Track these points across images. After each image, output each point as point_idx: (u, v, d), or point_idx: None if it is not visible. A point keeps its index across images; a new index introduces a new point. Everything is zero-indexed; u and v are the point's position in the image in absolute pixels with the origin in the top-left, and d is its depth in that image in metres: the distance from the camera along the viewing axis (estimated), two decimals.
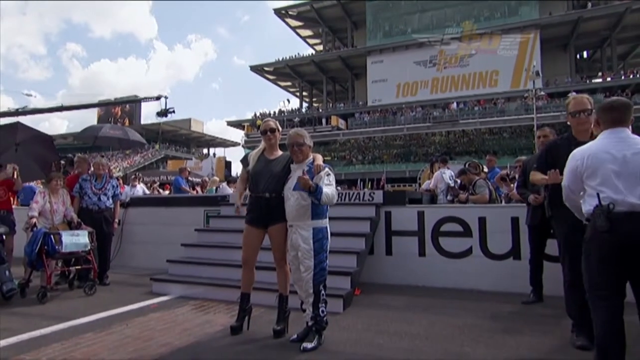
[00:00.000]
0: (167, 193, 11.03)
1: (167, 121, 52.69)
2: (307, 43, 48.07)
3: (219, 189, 9.10)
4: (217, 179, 9.97)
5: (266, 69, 43.76)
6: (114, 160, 45.45)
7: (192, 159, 37.91)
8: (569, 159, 2.23)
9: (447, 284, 4.48)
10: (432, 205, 6.08)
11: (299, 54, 42.99)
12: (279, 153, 3.21)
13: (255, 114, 43.29)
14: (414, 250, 4.72)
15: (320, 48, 46.18)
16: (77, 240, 4.36)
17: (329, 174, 2.86)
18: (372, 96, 38.71)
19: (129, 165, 45.88)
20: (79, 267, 4.55)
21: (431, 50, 36.48)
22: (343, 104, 42.15)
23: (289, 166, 3.02)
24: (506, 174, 5.97)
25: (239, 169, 3.42)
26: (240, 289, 3.17)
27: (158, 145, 49.67)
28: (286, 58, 42.40)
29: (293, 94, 50.06)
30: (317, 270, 2.80)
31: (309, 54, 43.64)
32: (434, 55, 36.58)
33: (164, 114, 21.59)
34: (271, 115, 40.33)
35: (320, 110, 41.35)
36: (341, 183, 25.84)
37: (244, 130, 42.10)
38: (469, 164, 6.17)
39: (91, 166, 5.34)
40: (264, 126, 3.20)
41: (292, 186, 2.90)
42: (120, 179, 11.52)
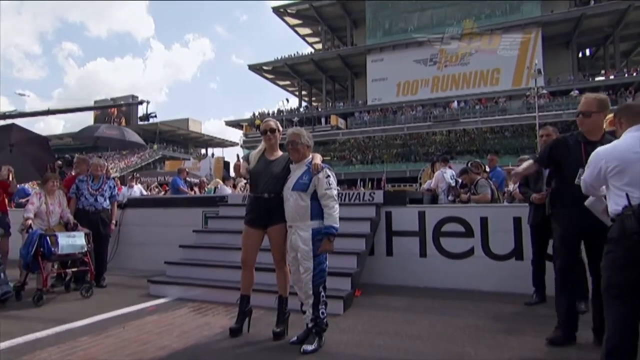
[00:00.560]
0: (162, 193, 11.04)
1: (164, 121, 52.79)
2: (306, 42, 48.09)
3: (217, 189, 9.09)
4: (219, 180, 9.95)
5: (265, 68, 43.77)
6: (110, 161, 45.43)
7: (190, 160, 37.90)
8: (593, 157, 2.18)
9: (449, 285, 4.48)
10: (433, 205, 6.08)
11: (298, 52, 43.07)
12: (279, 153, 3.21)
13: (254, 114, 43.31)
14: (414, 250, 4.72)
15: (320, 47, 46.19)
16: (74, 241, 4.35)
17: (328, 175, 2.85)
18: (372, 95, 38.74)
19: (125, 166, 45.90)
20: (75, 269, 4.54)
21: (432, 48, 36.53)
22: (343, 103, 42.18)
23: (289, 167, 3.02)
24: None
25: None
26: (239, 291, 3.17)
27: (156, 146, 49.65)
28: (285, 57, 42.41)
29: (292, 93, 50.06)
30: (316, 272, 2.79)
31: (308, 53, 43.66)
32: (435, 53, 36.60)
33: (145, 118, 21.79)
34: (270, 115, 40.33)
35: (320, 110, 41.37)
36: (341, 183, 25.79)
37: (243, 130, 42.12)
38: (471, 163, 6.17)
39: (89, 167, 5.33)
40: (264, 126, 3.20)
41: (292, 186, 2.89)
42: (117, 179, 11.51)
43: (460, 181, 6.35)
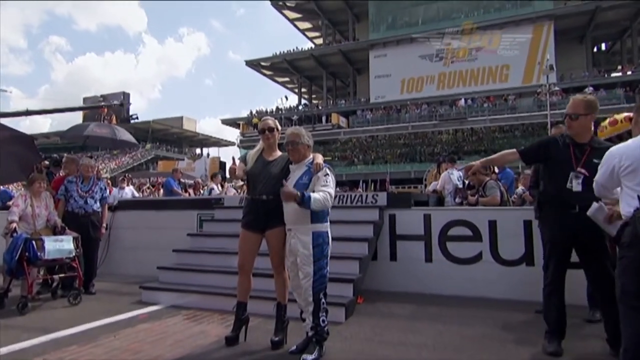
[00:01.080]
0: (156, 195, 11.01)
1: (157, 119, 52.94)
2: (306, 36, 48.22)
3: (212, 190, 9.10)
4: (219, 181, 9.95)
5: (263, 64, 43.87)
6: (101, 161, 45.47)
7: (184, 160, 38.05)
8: (606, 156, 2.18)
9: (456, 292, 4.48)
10: (439, 207, 6.07)
11: (297, 48, 43.15)
12: (278, 154, 3.22)
13: (252, 112, 43.42)
14: (420, 255, 4.72)
15: (320, 42, 46.31)
16: (61, 246, 4.33)
17: (327, 174, 2.86)
18: (375, 92, 38.81)
19: (116, 166, 45.99)
20: (62, 275, 4.52)
21: (438, 43, 36.55)
22: (344, 101, 42.25)
23: (288, 167, 3.02)
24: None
25: None
26: (236, 298, 3.17)
27: (148, 145, 49.74)
28: (284, 52, 42.51)
29: (291, 90, 50.16)
30: (316, 277, 2.79)
31: (308, 48, 43.78)
32: (441, 49, 36.65)
33: (126, 120, 22.00)
34: (268, 113, 40.44)
35: (320, 108, 41.44)
36: (342, 184, 25.81)
37: (240, 129, 42.20)
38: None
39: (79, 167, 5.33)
40: (262, 125, 3.21)
41: (291, 187, 2.89)
42: (108, 180, 11.52)
43: (468, 183, 6.34)
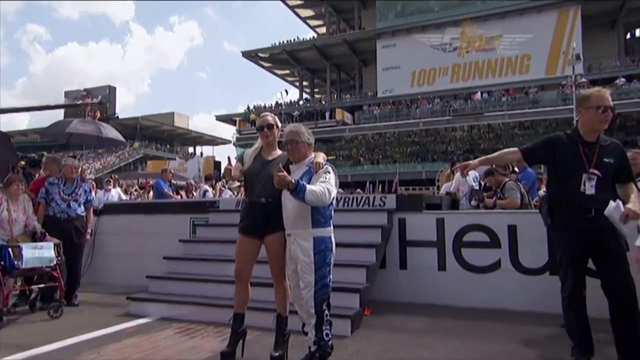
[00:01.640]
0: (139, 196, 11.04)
1: (147, 115, 53.12)
2: (308, 25, 48.26)
3: (206, 192, 9.12)
4: (213, 182, 9.97)
5: (261, 55, 43.92)
6: (84, 161, 45.59)
7: (175, 159, 38.08)
8: None
9: (472, 303, 4.46)
10: (453, 211, 6.04)
11: (298, 37, 43.19)
12: (278, 152, 3.23)
13: (249, 107, 43.46)
14: (432, 263, 4.71)
15: (323, 30, 46.35)
16: (41, 254, 4.30)
17: (327, 171, 2.87)
18: (383, 86, 38.77)
19: (102, 167, 46.11)
20: (42, 286, 4.51)
21: (452, 31, 36.48)
22: (349, 95, 42.23)
23: (289, 167, 3.02)
24: None
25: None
26: (232, 309, 3.17)
27: (136, 144, 49.89)
28: (284, 42, 42.56)
29: (292, 83, 50.16)
30: (318, 287, 2.79)
31: (310, 38, 43.78)
32: (455, 37, 36.57)
33: (106, 120, 22.28)
34: (267, 109, 40.46)
35: (323, 103, 41.42)
36: (347, 186, 25.83)
37: (236, 126, 42.24)
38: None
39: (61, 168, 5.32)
40: (260, 121, 3.22)
41: None
42: (93, 182, 11.57)
43: (485, 184, 6.31)
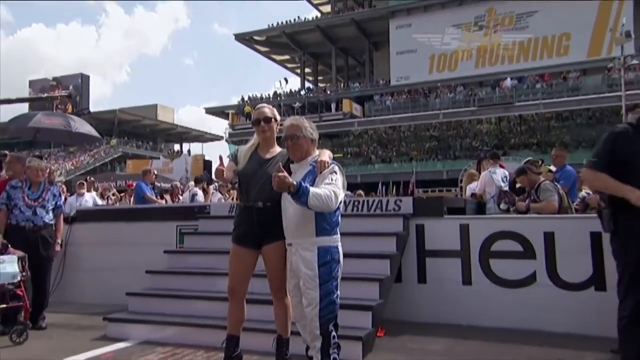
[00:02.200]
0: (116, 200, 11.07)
1: (125, 108, 53.38)
2: (311, 3, 48.38)
3: (195, 196, 9.15)
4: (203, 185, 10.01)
5: (256, 38, 44.09)
6: (54, 161, 45.77)
7: (159, 158, 38.23)
8: None
9: (503, 323, 4.44)
10: (479, 216, 6.04)
11: (299, 17, 43.34)
12: (277, 150, 3.24)
13: (243, 99, 43.63)
14: (455, 276, 4.70)
15: (328, 9, 46.44)
16: (2, 268, 4.28)
17: (334, 171, 2.87)
18: (397, 72, 38.83)
19: (74, 167, 46.33)
20: (3, 306, 4.46)
21: (477, 8, 36.37)
22: (358, 84, 42.32)
23: (289, 166, 3.03)
24: None
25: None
26: (225, 330, 3.18)
27: (113, 140, 50.16)
28: (283, 23, 42.68)
29: (292, 71, 50.28)
30: (324, 304, 2.80)
31: (313, 18, 43.90)
32: (481, 14, 36.51)
33: (78, 115, 22.47)
34: (264, 100, 40.54)
35: (329, 92, 41.50)
36: (356, 187, 25.66)
37: (228, 120, 42.44)
38: (529, 160, 6.10)
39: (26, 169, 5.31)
40: (257, 114, 3.23)
41: None
42: (63, 185, 11.62)
43: (516, 184, 6.29)
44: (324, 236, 2.86)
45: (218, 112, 45.85)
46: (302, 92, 43.24)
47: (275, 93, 43.18)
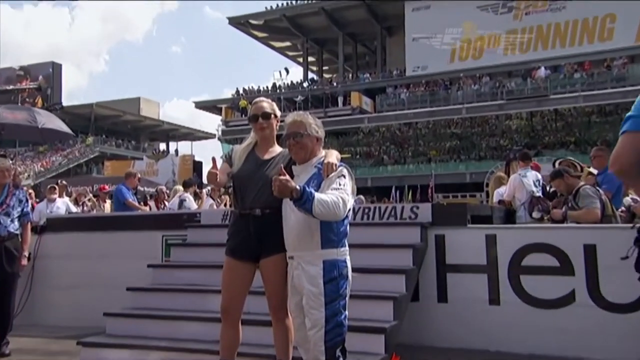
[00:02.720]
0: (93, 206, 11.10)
1: (104, 102, 53.65)
2: None
3: (184, 202, 9.18)
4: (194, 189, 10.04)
5: (253, 22, 44.22)
6: (20, 162, 45.91)
7: (142, 159, 38.37)
8: None
9: (537, 349, 4.42)
10: (508, 225, 6.03)
11: None
12: (277, 150, 3.26)
13: (238, 92, 43.76)
14: (481, 294, 4.69)
15: None
16: None
17: (342, 175, 2.89)
18: (413, 61, 38.82)
19: (44, 169, 46.51)
20: None
21: None
22: (369, 74, 42.37)
23: (291, 168, 3.04)
24: None
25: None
26: (217, 355, 3.19)
27: (90, 139, 50.38)
28: (283, 5, 42.79)
29: (293, 59, 50.39)
30: (330, 326, 2.80)
31: None
32: None
33: (50, 110, 22.60)
34: (261, 93, 40.66)
35: (335, 84, 41.57)
36: (366, 192, 25.79)
37: (222, 116, 42.55)
38: (565, 161, 6.09)
39: None
40: (254, 109, 3.25)
41: None
42: (30, 189, 11.67)
43: (550, 188, 6.27)
44: (331, 248, 2.87)
45: (209, 106, 45.97)
46: (305, 84, 43.34)
47: (274, 85, 43.31)
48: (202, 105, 46.87)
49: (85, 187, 19.10)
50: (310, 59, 47.96)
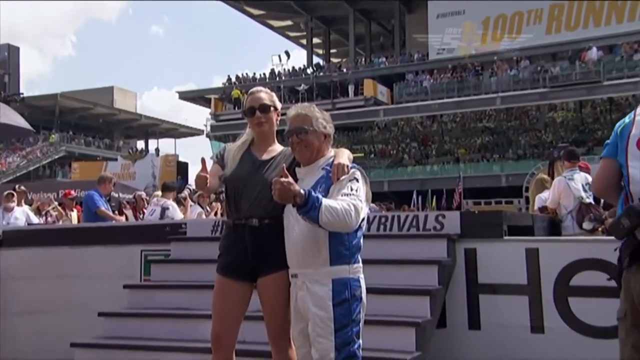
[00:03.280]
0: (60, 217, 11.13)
1: (70, 92, 53.77)
2: None
3: (166, 211, 9.20)
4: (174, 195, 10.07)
5: None
6: None
7: (117, 159, 38.54)
8: None
9: None
10: (553, 237, 6.01)
11: None
12: (278, 149, 3.28)
13: (230, 80, 43.85)
14: (521, 320, 4.67)
15: None
16: None
17: (354, 178, 2.89)
18: (438, 42, 38.74)
19: None
20: None
21: None
22: (385, 58, 42.32)
23: (294, 170, 3.06)
24: None
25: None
26: None
27: (54, 136, 50.58)
28: None
29: (295, 41, 50.51)
30: (342, 357, 2.81)
31: None
32: None
33: (5, 102, 22.62)
34: (258, 81, 40.71)
35: (345, 70, 41.61)
36: (383, 198, 25.83)
37: (211, 109, 42.62)
38: None
39: None
40: (250, 101, 3.26)
41: None
42: None
43: None
44: (341, 265, 2.88)
45: (196, 97, 46.13)
46: (309, 71, 43.35)
47: (272, 72, 43.32)
48: (188, 96, 47.03)
49: (50, 193, 19.22)
50: (316, 40, 48.07)
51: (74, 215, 11.13)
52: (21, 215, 9.58)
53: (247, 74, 43.89)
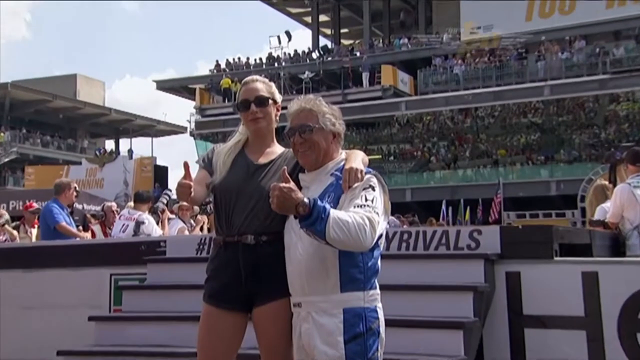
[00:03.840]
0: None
1: (22, 80, 53.96)
2: None
3: (142, 225, 9.22)
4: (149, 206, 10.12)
5: None
6: None
7: (81, 163, 38.70)
8: None
9: None
10: (617, 259, 6.00)
11: None
12: (277, 151, 3.30)
13: (219, 66, 44.02)
14: (578, 358, 4.65)
15: None
16: None
17: (370, 187, 2.88)
18: (472, 20, 38.73)
19: None
20: None
21: None
22: (407, 40, 42.29)
23: (297, 177, 3.07)
24: None
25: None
26: None
27: (2, 134, 50.74)
28: None
29: (297, 19, 50.70)
30: None
31: None
32: None
33: None
34: (252, 68, 40.86)
35: (358, 54, 41.65)
36: (407, 209, 25.76)
37: (196, 101, 42.76)
38: None
39: None
40: (244, 92, 3.28)
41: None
42: None
43: None
44: (354, 291, 2.87)
45: (177, 87, 46.36)
46: (315, 55, 43.44)
47: (270, 56, 43.46)
48: (167, 86, 47.24)
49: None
50: (323, 18, 48.18)
51: (34, 232, 11.10)
52: None
53: (239, 58, 44.11)
